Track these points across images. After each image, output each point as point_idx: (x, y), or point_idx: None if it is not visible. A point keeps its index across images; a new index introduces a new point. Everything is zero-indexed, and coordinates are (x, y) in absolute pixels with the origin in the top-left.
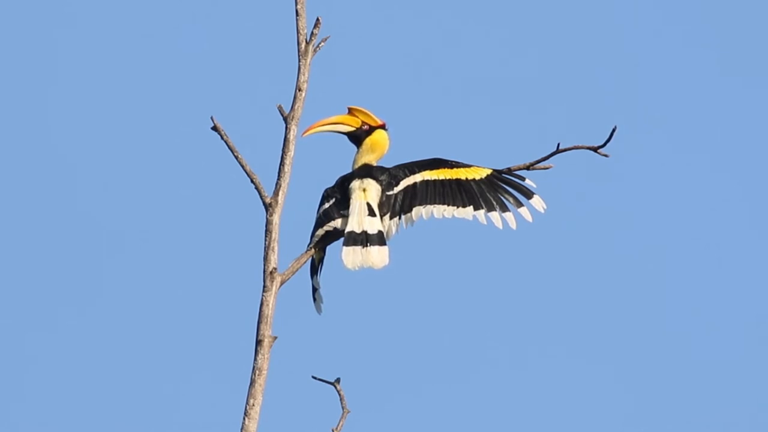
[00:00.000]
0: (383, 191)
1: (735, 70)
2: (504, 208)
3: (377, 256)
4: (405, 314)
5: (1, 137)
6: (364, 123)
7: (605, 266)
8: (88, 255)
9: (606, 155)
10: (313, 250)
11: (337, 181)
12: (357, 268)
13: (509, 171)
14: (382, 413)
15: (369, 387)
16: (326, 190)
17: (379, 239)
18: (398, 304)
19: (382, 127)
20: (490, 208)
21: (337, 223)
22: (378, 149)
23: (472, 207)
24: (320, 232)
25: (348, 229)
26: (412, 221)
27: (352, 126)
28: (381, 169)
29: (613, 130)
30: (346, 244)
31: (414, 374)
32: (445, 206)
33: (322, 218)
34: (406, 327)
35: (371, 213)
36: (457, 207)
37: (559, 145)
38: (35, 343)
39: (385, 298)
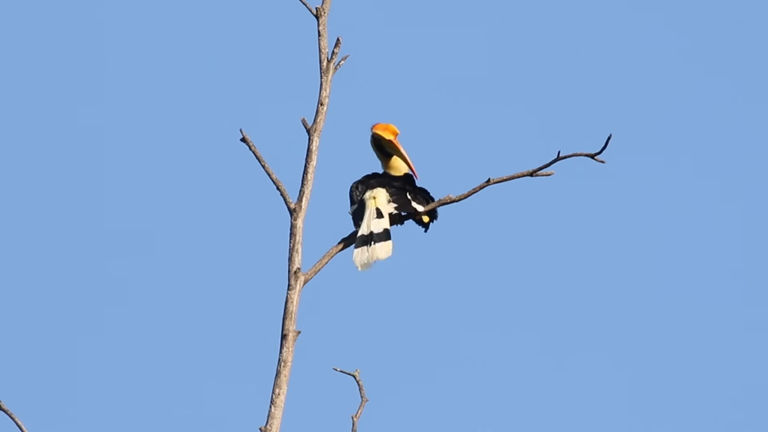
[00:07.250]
0: (394, 193)
1: (730, 79)
2: None
3: (381, 249)
4: (418, 311)
5: (36, 143)
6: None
7: (605, 267)
8: (136, 257)
9: (602, 161)
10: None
11: (361, 183)
12: (365, 265)
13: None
14: (398, 402)
15: (386, 378)
16: (354, 190)
17: (384, 235)
18: (411, 302)
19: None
20: None
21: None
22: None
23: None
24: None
25: (359, 233)
26: None
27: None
28: (398, 181)
29: (609, 138)
30: (356, 246)
31: (426, 366)
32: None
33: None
34: (418, 323)
35: (379, 215)
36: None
37: (559, 153)
38: (87, 341)
39: (398, 297)
